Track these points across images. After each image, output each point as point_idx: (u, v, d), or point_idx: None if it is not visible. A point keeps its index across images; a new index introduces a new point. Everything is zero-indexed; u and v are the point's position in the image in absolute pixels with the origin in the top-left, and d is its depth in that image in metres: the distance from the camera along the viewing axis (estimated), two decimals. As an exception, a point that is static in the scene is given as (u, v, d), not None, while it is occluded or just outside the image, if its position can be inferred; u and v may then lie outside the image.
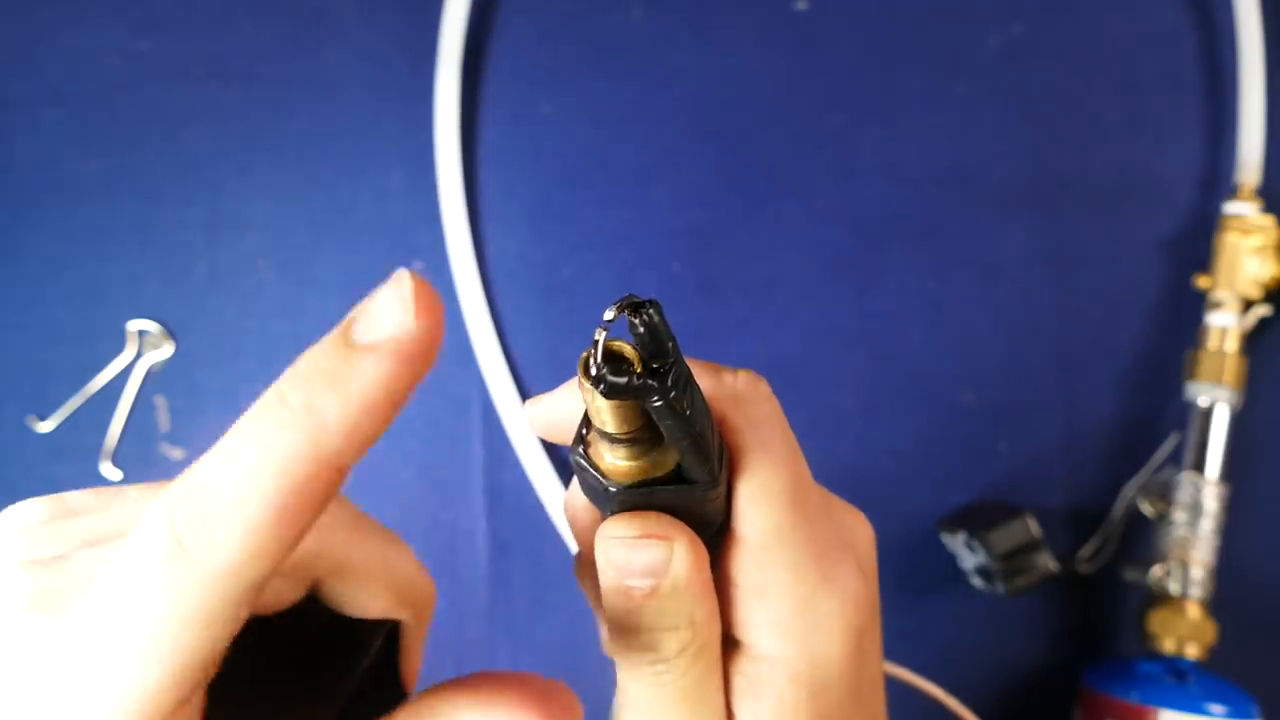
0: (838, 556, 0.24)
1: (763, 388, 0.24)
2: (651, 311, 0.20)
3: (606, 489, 0.22)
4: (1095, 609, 0.51)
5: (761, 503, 0.23)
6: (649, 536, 0.22)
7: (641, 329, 0.20)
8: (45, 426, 0.49)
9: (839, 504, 0.27)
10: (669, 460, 0.22)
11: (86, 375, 0.49)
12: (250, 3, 0.51)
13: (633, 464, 0.22)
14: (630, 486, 0.22)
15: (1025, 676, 0.51)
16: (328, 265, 0.50)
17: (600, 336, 0.20)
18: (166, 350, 0.49)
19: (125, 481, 0.49)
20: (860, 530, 0.27)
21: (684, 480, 0.22)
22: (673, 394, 0.20)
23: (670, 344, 0.20)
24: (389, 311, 0.19)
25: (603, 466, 0.22)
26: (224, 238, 0.50)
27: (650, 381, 0.20)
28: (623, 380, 0.20)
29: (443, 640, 0.49)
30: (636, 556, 0.22)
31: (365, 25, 0.51)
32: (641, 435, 0.21)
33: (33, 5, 0.50)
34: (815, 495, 0.25)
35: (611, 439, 0.22)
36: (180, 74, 0.50)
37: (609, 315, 0.20)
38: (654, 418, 0.21)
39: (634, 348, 0.21)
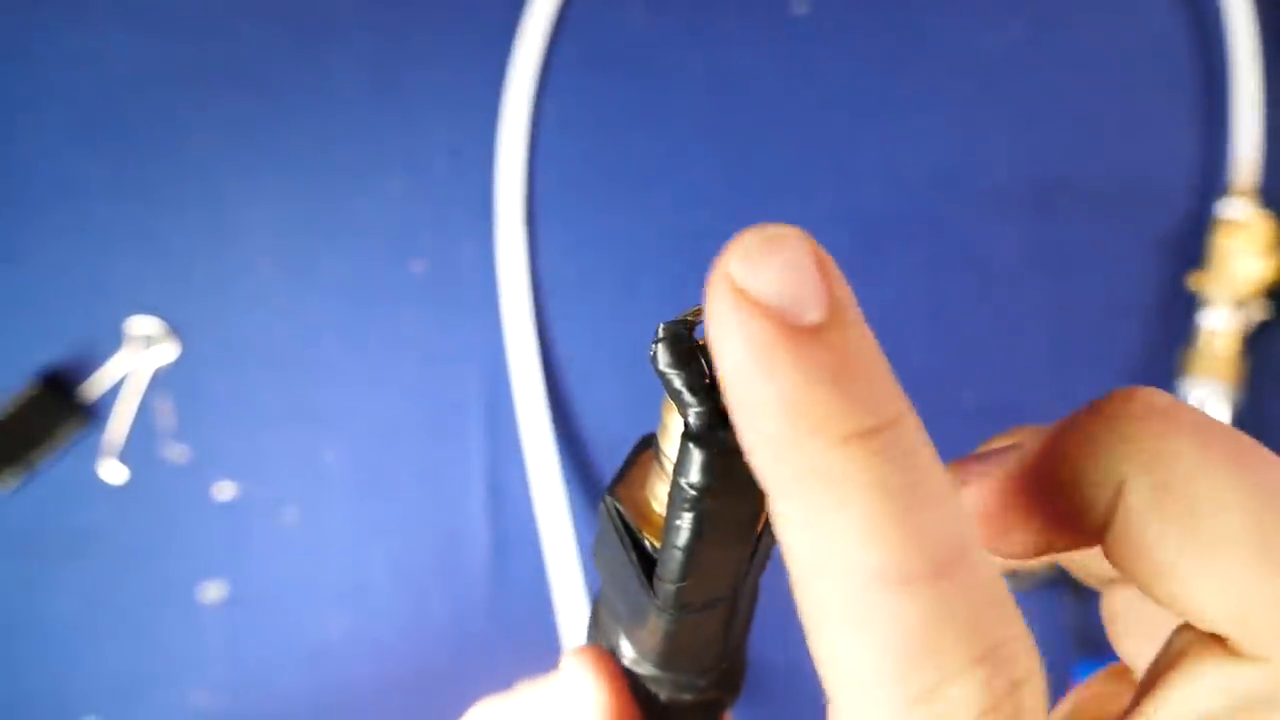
0: None
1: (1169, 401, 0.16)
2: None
3: (610, 489, 0.18)
4: (1094, 608, 0.51)
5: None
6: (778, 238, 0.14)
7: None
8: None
9: None
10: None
11: (89, 375, 0.49)
12: (253, 5, 0.51)
13: (648, 496, 0.17)
14: (619, 512, 0.17)
15: (1023, 674, 0.51)
16: (330, 266, 0.50)
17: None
18: (170, 350, 0.49)
19: (130, 482, 0.49)
20: None
21: (650, 568, 0.17)
22: (710, 441, 0.15)
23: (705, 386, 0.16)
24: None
25: (635, 468, 0.18)
26: (226, 237, 0.50)
27: (692, 378, 0.15)
28: (677, 347, 0.15)
29: (443, 640, 0.50)
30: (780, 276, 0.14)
31: (367, 28, 0.51)
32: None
33: (35, 5, 0.50)
34: None
35: (659, 451, 0.17)
36: (183, 75, 0.51)
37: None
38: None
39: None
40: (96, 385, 0.49)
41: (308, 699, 0.49)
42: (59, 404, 0.48)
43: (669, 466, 0.16)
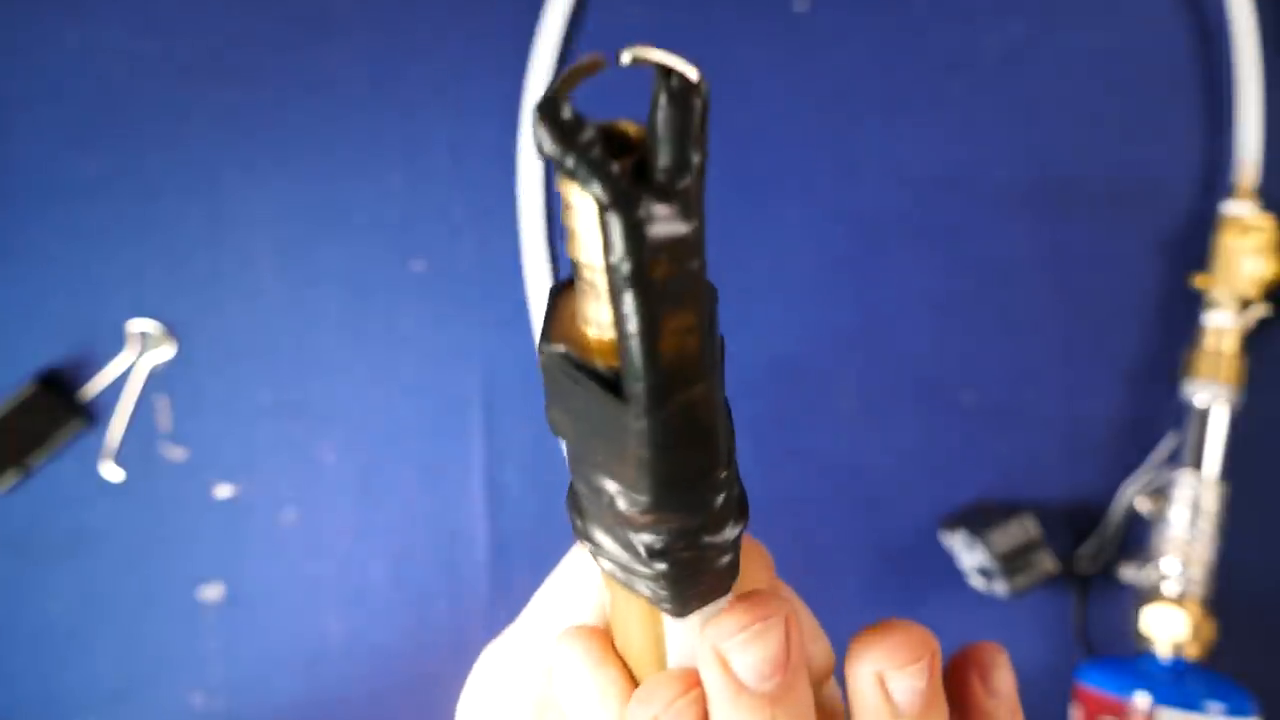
0: None
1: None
2: (694, 87, 0.14)
3: (541, 342, 0.16)
4: (1094, 608, 0.51)
5: None
6: (755, 619, 0.20)
7: (669, 104, 0.14)
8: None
9: None
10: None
11: (87, 375, 0.49)
12: (251, 1, 0.51)
13: (581, 326, 0.15)
14: (560, 355, 0.15)
15: (1024, 675, 0.51)
16: (328, 264, 0.50)
17: (585, 63, 0.14)
18: (168, 350, 0.49)
19: (128, 482, 0.49)
20: None
21: (614, 388, 0.15)
22: (627, 202, 0.13)
23: (698, 149, 0.14)
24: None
25: (559, 311, 0.16)
26: (225, 236, 0.50)
27: (604, 161, 0.13)
28: (558, 124, 0.13)
29: (443, 640, 0.49)
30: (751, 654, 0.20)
31: (365, 24, 0.51)
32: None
33: (33, 4, 0.50)
34: None
35: (577, 267, 0.15)
36: (181, 72, 0.50)
37: (624, 59, 0.14)
38: (601, 236, 0.14)
39: (639, 131, 0.14)
40: (95, 385, 0.49)
41: (306, 701, 0.49)
42: (58, 404, 0.48)
43: (592, 275, 0.14)
